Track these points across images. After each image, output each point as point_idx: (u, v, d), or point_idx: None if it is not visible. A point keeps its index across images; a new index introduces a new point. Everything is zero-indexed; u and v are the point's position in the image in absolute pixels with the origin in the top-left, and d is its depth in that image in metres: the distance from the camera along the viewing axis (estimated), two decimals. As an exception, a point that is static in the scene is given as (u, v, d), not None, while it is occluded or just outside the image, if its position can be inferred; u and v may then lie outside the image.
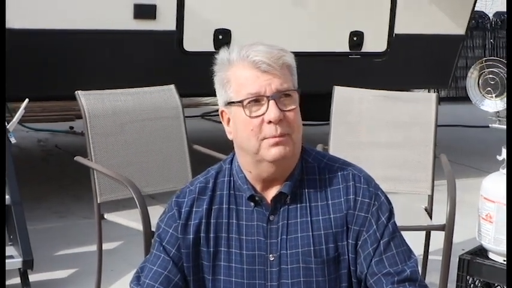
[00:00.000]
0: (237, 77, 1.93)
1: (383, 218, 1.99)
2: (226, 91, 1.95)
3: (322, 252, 1.98)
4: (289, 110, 1.92)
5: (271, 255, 1.99)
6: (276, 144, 1.91)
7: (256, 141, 1.92)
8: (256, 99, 1.90)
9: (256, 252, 1.99)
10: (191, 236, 2.00)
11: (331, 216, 1.99)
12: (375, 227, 1.98)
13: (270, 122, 1.90)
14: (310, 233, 1.98)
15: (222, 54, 1.96)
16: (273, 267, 1.99)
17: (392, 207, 2.03)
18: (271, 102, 1.89)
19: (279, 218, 1.99)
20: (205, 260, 2.01)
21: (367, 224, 1.98)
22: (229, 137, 2.01)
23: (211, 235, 2.00)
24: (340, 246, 1.99)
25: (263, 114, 1.90)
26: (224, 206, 2.01)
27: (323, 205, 2.00)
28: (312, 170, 2.03)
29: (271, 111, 1.89)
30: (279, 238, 1.99)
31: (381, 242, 1.97)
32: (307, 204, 2.00)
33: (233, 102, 1.93)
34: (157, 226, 2.07)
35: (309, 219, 1.99)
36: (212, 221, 2.01)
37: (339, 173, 2.02)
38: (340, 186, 2.00)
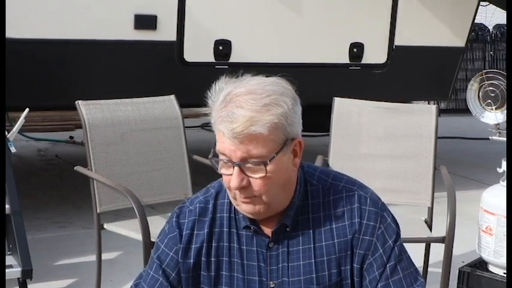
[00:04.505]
0: (216, 126, 1.83)
1: (390, 241, 1.93)
2: (214, 130, 1.85)
3: (325, 279, 1.92)
4: (256, 178, 1.82)
5: (271, 282, 1.94)
6: (245, 202, 1.85)
7: (230, 190, 1.86)
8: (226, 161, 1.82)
9: (257, 278, 1.94)
10: (192, 261, 1.95)
11: (335, 241, 1.92)
12: (381, 250, 1.92)
13: None
14: (313, 260, 1.92)
15: (217, 85, 1.85)
16: None
17: (399, 228, 1.96)
18: (236, 168, 1.81)
19: (279, 245, 1.93)
20: (205, 285, 1.96)
21: (372, 247, 1.92)
22: None
23: (213, 259, 1.95)
24: (343, 270, 1.93)
25: (230, 174, 1.82)
26: (225, 229, 1.95)
27: (326, 230, 1.93)
28: (316, 193, 1.95)
29: (234, 179, 1.81)
30: (280, 265, 1.93)
31: (387, 265, 1.92)
32: (311, 230, 1.93)
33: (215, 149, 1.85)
34: (156, 246, 2.00)
35: (312, 245, 1.93)
36: (213, 244, 1.95)
37: (344, 194, 1.94)
38: (345, 209, 1.93)
